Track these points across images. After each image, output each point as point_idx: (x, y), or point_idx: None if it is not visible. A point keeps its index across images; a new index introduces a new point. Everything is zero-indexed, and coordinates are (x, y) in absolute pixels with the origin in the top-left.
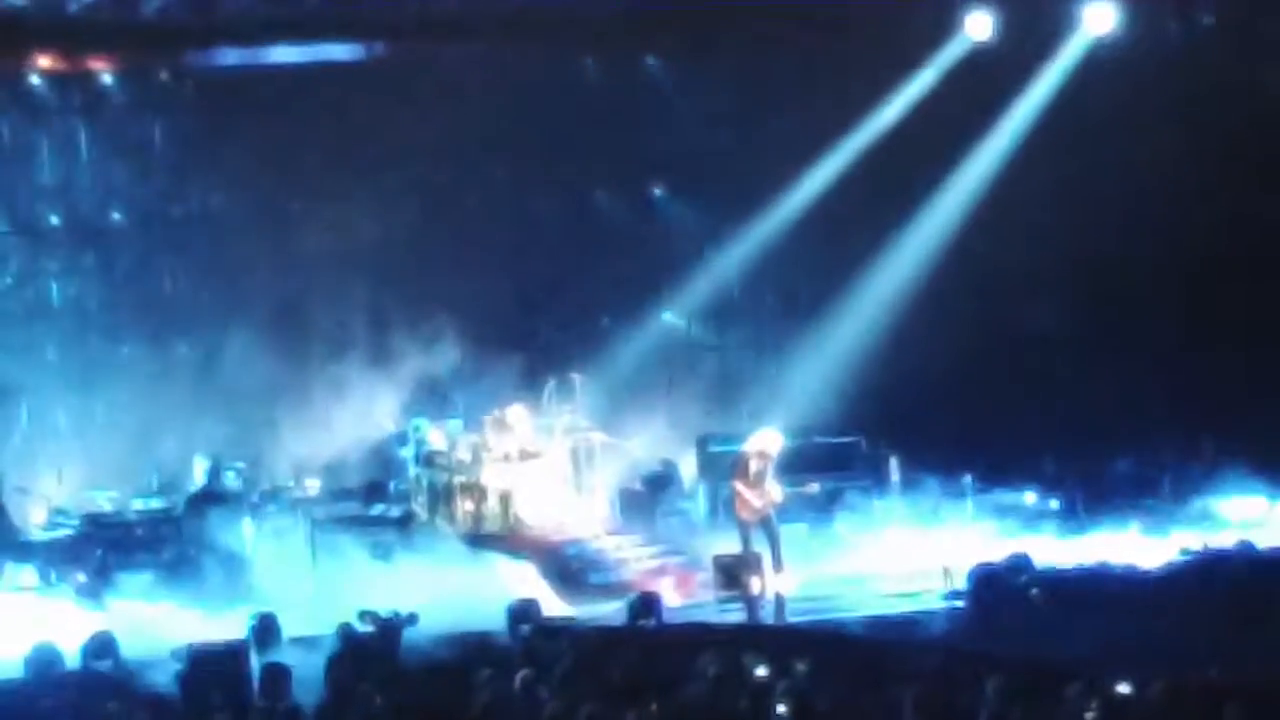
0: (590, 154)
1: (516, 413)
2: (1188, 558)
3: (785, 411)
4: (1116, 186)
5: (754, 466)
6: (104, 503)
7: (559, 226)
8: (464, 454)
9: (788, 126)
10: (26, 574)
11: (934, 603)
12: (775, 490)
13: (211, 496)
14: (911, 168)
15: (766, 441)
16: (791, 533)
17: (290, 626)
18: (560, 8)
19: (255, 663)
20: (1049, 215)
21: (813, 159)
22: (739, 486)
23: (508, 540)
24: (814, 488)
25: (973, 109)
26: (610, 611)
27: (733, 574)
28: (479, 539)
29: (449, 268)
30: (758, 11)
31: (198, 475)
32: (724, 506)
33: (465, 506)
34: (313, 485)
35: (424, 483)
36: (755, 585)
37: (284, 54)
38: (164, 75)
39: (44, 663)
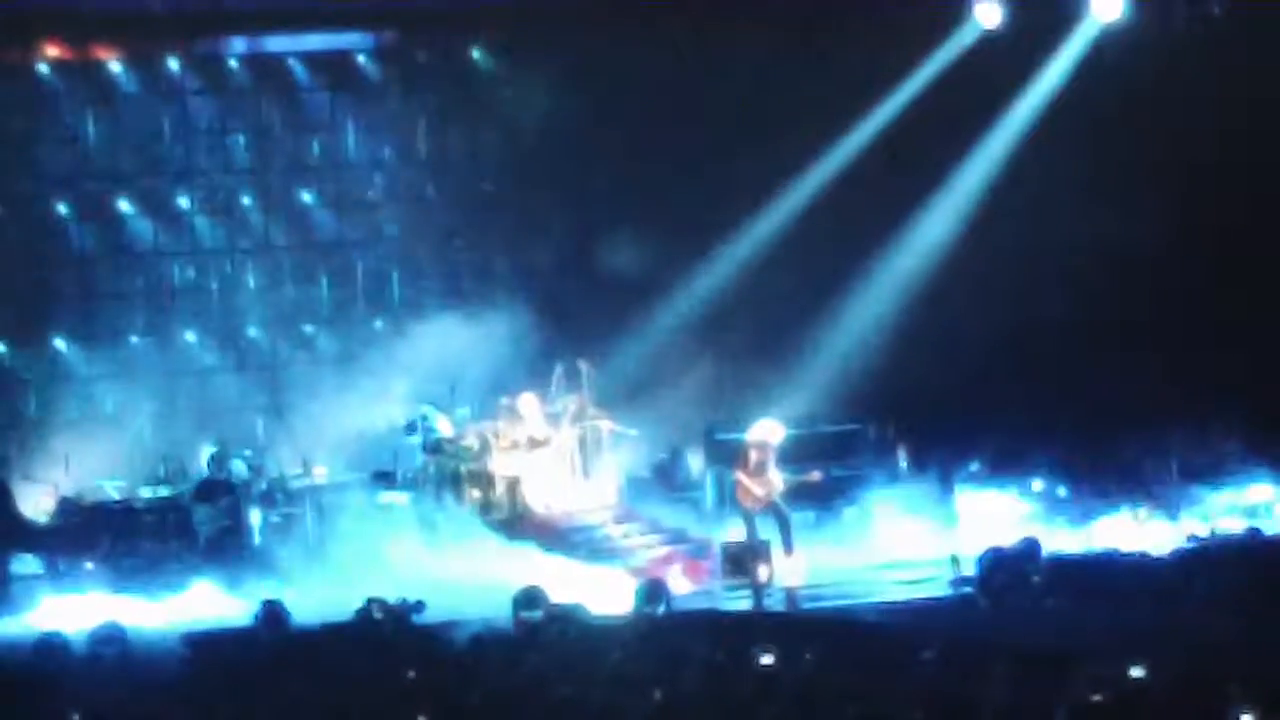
0: (605, 139)
1: (526, 400)
2: (1196, 545)
3: (794, 399)
4: (1125, 173)
5: (755, 456)
6: (112, 491)
7: (559, 218)
8: (472, 442)
9: (797, 114)
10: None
11: (942, 590)
12: (777, 479)
13: (219, 485)
14: (921, 156)
15: (767, 431)
16: (798, 521)
17: (298, 613)
18: None
19: (263, 649)
20: (1058, 202)
21: (823, 146)
22: (740, 476)
23: (516, 527)
24: (816, 476)
25: (982, 97)
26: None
27: (740, 562)
28: (489, 526)
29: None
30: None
31: (205, 463)
32: (730, 494)
33: (473, 494)
34: (320, 473)
35: (432, 471)
36: (762, 573)
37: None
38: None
39: (51, 650)
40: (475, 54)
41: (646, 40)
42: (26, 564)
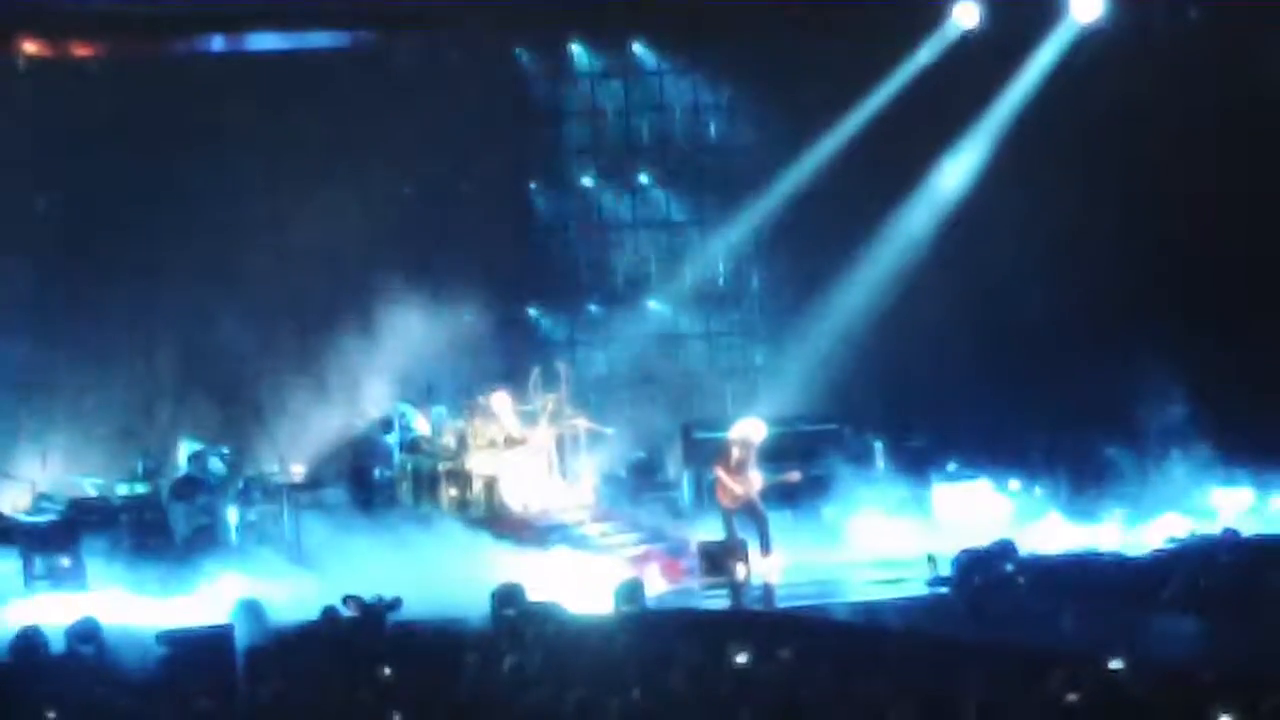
0: (581, 140)
1: (501, 399)
2: (1173, 546)
3: (771, 399)
4: (1106, 173)
5: (736, 455)
6: (89, 488)
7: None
8: (449, 440)
9: (776, 114)
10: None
11: (919, 590)
12: (756, 478)
13: (196, 482)
14: (900, 155)
15: (749, 430)
16: (776, 520)
17: (275, 611)
18: None
19: (240, 648)
20: (1038, 203)
21: (801, 147)
22: (721, 474)
23: (493, 526)
24: (795, 476)
25: (961, 97)
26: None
27: (717, 560)
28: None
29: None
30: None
31: (182, 461)
32: (708, 493)
33: (450, 493)
34: (297, 471)
35: (409, 469)
36: (740, 572)
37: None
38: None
39: (28, 647)
40: None
41: (627, 40)
42: (2, 560)
